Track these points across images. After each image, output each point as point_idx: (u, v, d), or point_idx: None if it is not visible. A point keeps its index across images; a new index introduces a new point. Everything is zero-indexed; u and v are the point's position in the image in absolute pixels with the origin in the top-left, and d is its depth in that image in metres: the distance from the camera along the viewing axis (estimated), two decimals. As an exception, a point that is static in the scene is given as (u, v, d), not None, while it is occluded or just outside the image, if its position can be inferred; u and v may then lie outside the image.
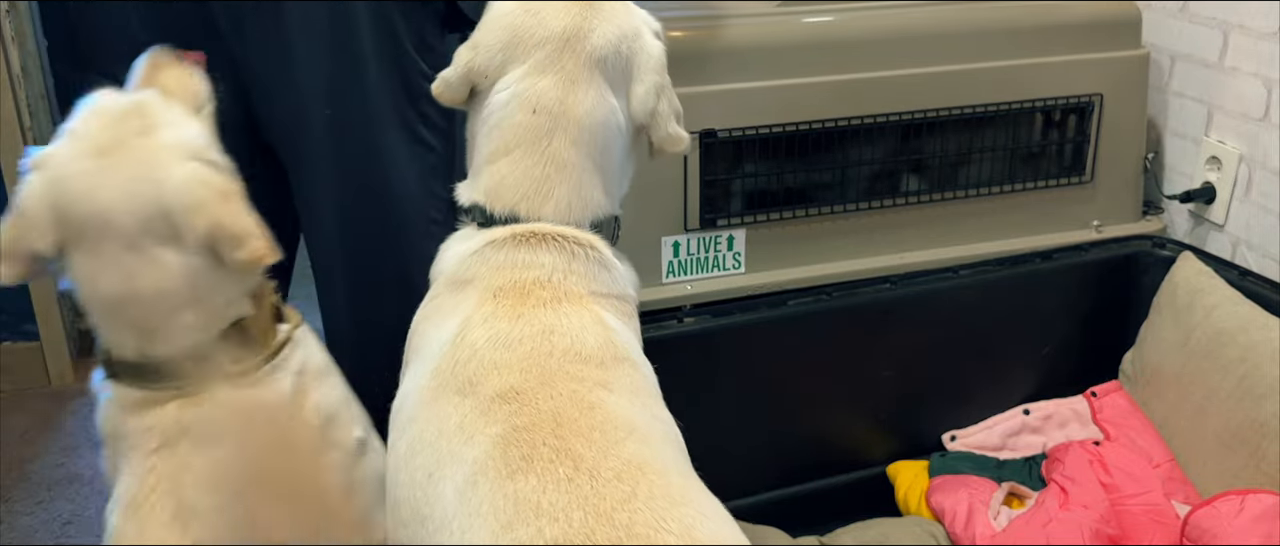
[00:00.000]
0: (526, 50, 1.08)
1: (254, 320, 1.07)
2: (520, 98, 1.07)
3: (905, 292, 1.74)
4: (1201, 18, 2.00)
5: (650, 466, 0.89)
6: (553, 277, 1.04)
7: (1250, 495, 1.47)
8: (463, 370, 0.97)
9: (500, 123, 1.07)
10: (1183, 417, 1.71)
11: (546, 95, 1.07)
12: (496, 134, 1.08)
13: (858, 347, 1.74)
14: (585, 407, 0.93)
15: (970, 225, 1.96)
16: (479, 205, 1.08)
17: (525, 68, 1.07)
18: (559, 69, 1.07)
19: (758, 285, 1.83)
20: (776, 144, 1.80)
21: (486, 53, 1.09)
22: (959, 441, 1.81)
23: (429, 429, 0.95)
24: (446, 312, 1.04)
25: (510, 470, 0.87)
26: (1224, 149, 1.98)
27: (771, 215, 1.83)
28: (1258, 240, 1.93)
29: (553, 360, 0.98)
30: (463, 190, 1.11)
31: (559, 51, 1.08)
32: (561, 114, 1.07)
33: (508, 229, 1.05)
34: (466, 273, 1.05)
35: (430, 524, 0.91)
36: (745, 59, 1.77)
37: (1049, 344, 1.87)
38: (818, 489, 1.76)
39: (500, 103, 1.07)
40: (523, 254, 1.04)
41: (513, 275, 1.03)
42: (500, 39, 1.09)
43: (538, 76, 1.07)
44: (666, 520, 0.84)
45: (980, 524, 1.57)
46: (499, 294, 1.02)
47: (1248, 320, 1.64)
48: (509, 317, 1.00)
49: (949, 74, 1.87)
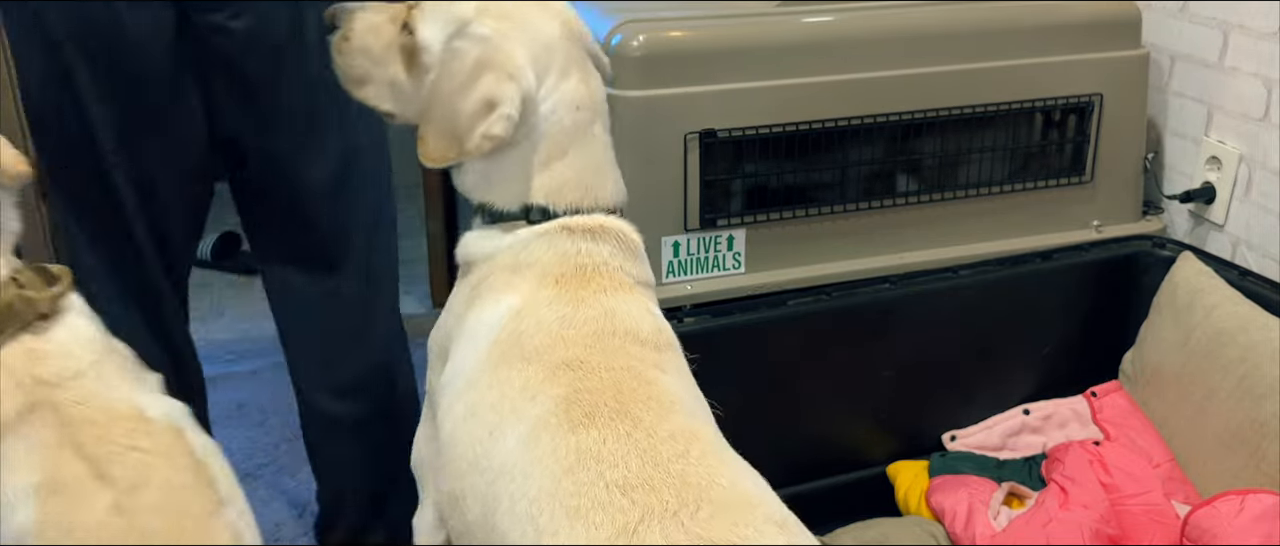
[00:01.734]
0: (550, 57, 1.12)
1: None
2: (564, 102, 1.12)
3: (905, 292, 1.74)
4: (1201, 18, 2.00)
5: (700, 435, 0.99)
6: (609, 266, 1.12)
7: (1250, 495, 1.47)
8: (528, 341, 1.05)
9: (549, 131, 1.12)
10: (1183, 417, 1.71)
11: (579, 92, 1.14)
12: (547, 142, 1.12)
13: (858, 347, 1.74)
14: (643, 382, 1.02)
15: (970, 225, 1.96)
16: (538, 206, 1.13)
17: (554, 74, 1.12)
18: (575, 64, 1.14)
19: (758, 285, 1.83)
20: (776, 144, 1.80)
21: (524, 75, 1.10)
22: (959, 441, 1.81)
23: (491, 393, 1.03)
24: (499, 293, 1.10)
25: (572, 424, 0.96)
26: (1224, 149, 1.98)
27: (771, 215, 1.83)
28: (1258, 240, 1.93)
29: (614, 340, 1.06)
30: (506, 194, 1.14)
31: (568, 49, 1.14)
32: (593, 105, 1.16)
33: (571, 220, 1.13)
34: (527, 258, 1.11)
35: (489, 472, 0.99)
36: (745, 59, 1.77)
37: (1049, 344, 1.87)
38: (818, 489, 1.76)
39: (547, 113, 1.12)
40: (585, 244, 1.12)
41: (576, 261, 1.11)
42: (526, 56, 1.10)
43: (565, 78, 1.13)
44: (716, 475, 0.94)
45: (980, 524, 1.57)
46: (561, 279, 1.09)
47: (1248, 320, 1.64)
48: (572, 301, 1.08)
49: (949, 74, 1.87)
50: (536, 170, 1.13)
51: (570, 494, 0.92)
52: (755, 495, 0.96)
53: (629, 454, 0.94)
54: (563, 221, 1.12)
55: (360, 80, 1.20)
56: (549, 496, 0.93)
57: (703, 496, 0.91)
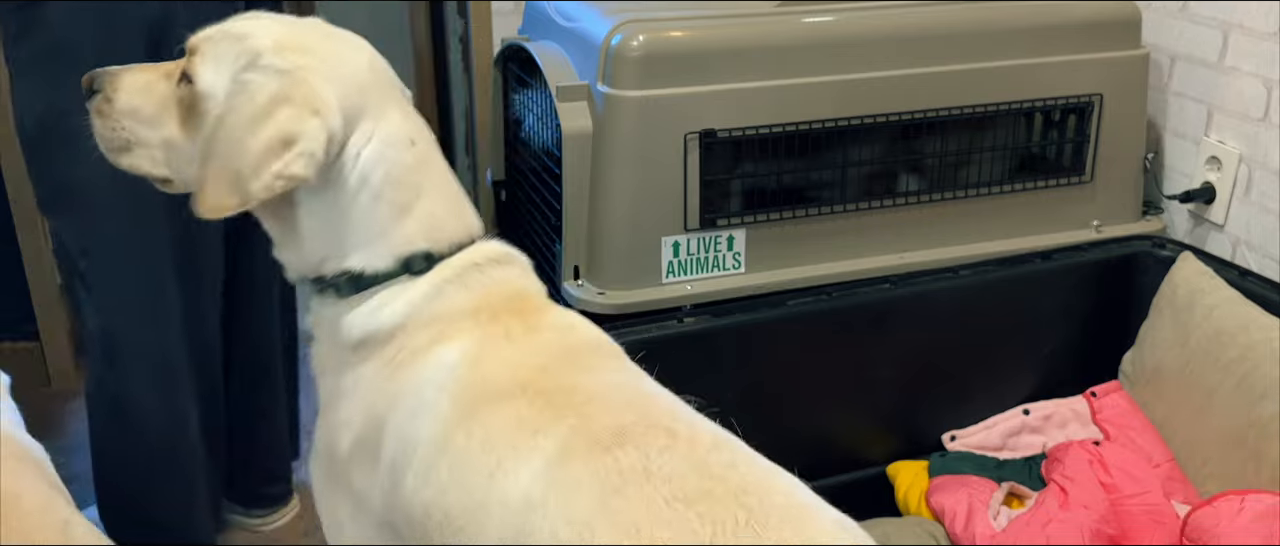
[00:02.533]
0: (363, 95, 1.00)
1: None
2: (394, 140, 1.01)
3: (905, 292, 1.74)
4: (1201, 18, 2.00)
5: (732, 440, 0.96)
6: (529, 289, 1.07)
7: (1250, 495, 1.47)
8: (497, 382, 0.97)
9: (392, 173, 1.00)
10: (1183, 417, 1.71)
11: (406, 127, 1.03)
12: (394, 186, 1.00)
13: (858, 347, 1.74)
14: (645, 394, 0.99)
15: (970, 225, 1.96)
16: (419, 254, 1.02)
17: (371, 113, 1.00)
18: (392, 100, 1.03)
19: (758, 285, 1.83)
20: (776, 144, 1.80)
21: (331, 112, 0.96)
22: (959, 441, 1.81)
23: (474, 441, 0.95)
24: (430, 352, 1.00)
25: (603, 446, 0.90)
26: (1224, 149, 1.98)
27: (771, 215, 1.83)
28: (1258, 240, 1.93)
29: (586, 358, 1.02)
30: (371, 255, 1.01)
31: (380, 84, 1.04)
32: (427, 136, 1.05)
33: (470, 254, 1.04)
34: (446, 307, 1.01)
35: (508, 509, 0.92)
36: (745, 59, 1.77)
37: (1049, 344, 1.87)
38: (818, 489, 1.75)
39: (376, 156, 0.99)
40: (498, 273, 1.05)
41: (501, 293, 1.03)
42: (334, 93, 0.97)
43: (384, 115, 1.01)
44: (771, 482, 0.91)
45: (980, 524, 1.57)
46: (495, 314, 1.02)
47: (1248, 320, 1.64)
48: (522, 331, 1.01)
49: (949, 74, 1.87)
50: (396, 218, 1.01)
51: (622, 512, 0.86)
52: (811, 500, 0.93)
53: (678, 467, 0.89)
54: (465, 258, 1.03)
55: (123, 147, 1.05)
56: (599, 518, 0.87)
57: (768, 504, 0.87)
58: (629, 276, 1.79)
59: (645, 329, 1.58)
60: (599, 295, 1.79)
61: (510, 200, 2.30)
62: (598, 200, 1.79)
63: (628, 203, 1.77)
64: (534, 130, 2.05)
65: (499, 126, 2.27)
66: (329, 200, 0.99)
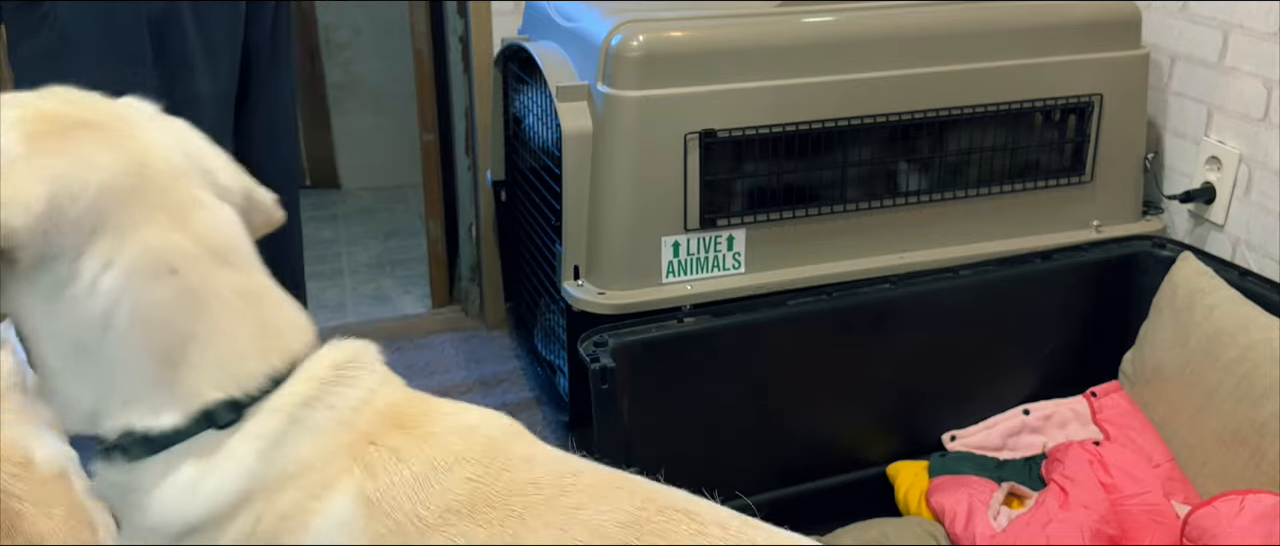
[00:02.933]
0: (104, 202, 0.76)
1: None
2: (143, 270, 0.76)
3: (905, 292, 1.74)
4: (1201, 18, 2.00)
5: (664, 491, 0.85)
6: (394, 396, 0.86)
7: (1250, 495, 1.47)
8: (415, 516, 0.78)
9: (139, 315, 0.76)
10: (1183, 417, 1.71)
11: (166, 250, 0.77)
12: (145, 330, 0.76)
13: (858, 347, 1.74)
14: (619, 474, 0.85)
15: (970, 225, 1.96)
16: (220, 404, 0.78)
17: (116, 228, 0.76)
18: (160, 209, 0.78)
19: (758, 285, 1.83)
20: (776, 144, 1.80)
21: (29, 208, 0.73)
22: (959, 441, 1.81)
23: None
24: (307, 512, 0.79)
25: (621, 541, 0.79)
26: (1224, 149, 1.98)
27: (771, 215, 1.83)
28: (1258, 240, 1.93)
29: (515, 445, 0.85)
30: (152, 410, 0.78)
31: (143, 190, 0.78)
32: (195, 257, 0.79)
33: (303, 388, 0.81)
34: (298, 457, 0.79)
35: None
36: (745, 59, 1.77)
37: (1049, 344, 1.87)
38: (818, 489, 1.76)
39: (116, 290, 0.75)
40: (349, 392, 0.82)
41: (367, 413, 0.82)
42: (44, 192, 0.73)
43: (136, 232, 0.76)
44: (730, 518, 0.83)
45: (980, 524, 1.57)
46: (371, 438, 0.81)
47: (1248, 320, 1.64)
48: (416, 443, 0.82)
49: (949, 74, 1.87)
50: (166, 367, 0.77)
51: None
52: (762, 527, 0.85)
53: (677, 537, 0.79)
54: (295, 393, 0.80)
55: None
56: None
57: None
58: (629, 276, 1.79)
59: (645, 329, 1.58)
60: (599, 295, 1.79)
61: (510, 200, 2.31)
62: (598, 200, 1.79)
63: (628, 203, 1.77)
64: (534, 130, 2.05)
65: (499, 126, 2.27)
66: (67, 336, 0.77)
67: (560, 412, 2.11)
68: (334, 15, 3.48)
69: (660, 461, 1.63)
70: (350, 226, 3.37)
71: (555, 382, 2.13)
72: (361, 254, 3.16)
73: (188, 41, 1.43)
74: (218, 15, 1.48)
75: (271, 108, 1.63)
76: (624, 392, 1.53)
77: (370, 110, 3.59)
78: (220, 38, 1.48)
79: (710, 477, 1.78)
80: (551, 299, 2.06)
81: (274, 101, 1.63)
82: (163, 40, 1.45)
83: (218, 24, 1.47)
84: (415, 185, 2.76)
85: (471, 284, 2.65)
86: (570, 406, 2.01)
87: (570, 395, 2.00)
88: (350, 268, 3.07)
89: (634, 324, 1.59)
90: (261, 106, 1.61)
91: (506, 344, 2.55)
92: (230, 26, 1.50)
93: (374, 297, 2.86)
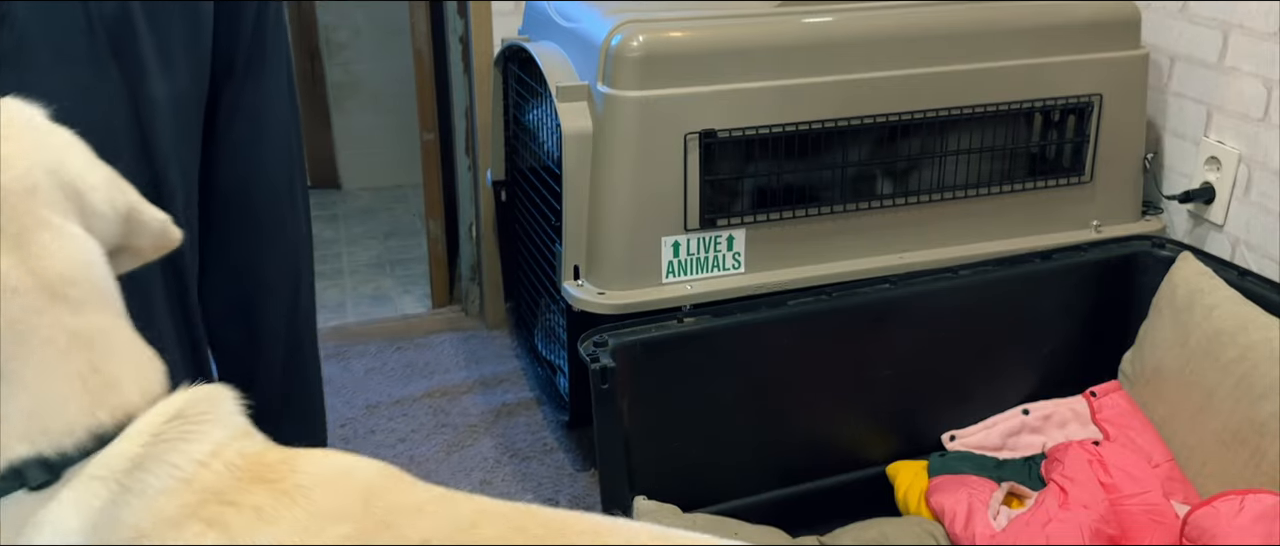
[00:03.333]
0: None
1: None
2: None
3: (905, 292, 1.74)
4: (1201, 18, 2.00)
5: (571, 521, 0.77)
6: (248, 447, 0.74)
7: (1250, 495, 1.47)
8: None
9: None
10: (1182, 417, 1.71)
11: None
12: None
13: (858, 347, 1.74)
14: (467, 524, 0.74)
15: (970, 225, 1.96)
16: (29, 461, 0.67)
17: None
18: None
19: (758, 285, 1.83)
20: (777, 144, 1.80)
21: None
22: (959, 441, 1.81)
23: None
24: None
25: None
26: (1223, 149, 1.98)
27: (771, 215, 1.83)
28: (1257, 240, 1.93)
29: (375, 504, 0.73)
30: None
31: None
32: (41, 285, 0.70)
33: (122, 449, 0.69)
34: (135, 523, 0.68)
35: None
36: (745, 59, 1.77)
37: (1049, 344, 1.87)
38: (818, 489, 1.76)
39: None
40: (188, 451, 0.71)
41: (214, 467, 0.71)
42: None
43: None
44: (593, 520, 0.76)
45: (980, 524, 1.57)
46: (230, 498, 0.70)
47: (1247, 320, 1.64)
48: (283, 497, 0.71)
49: (949, 74, 1.87)
50: None
51: None
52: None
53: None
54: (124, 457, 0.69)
55: None
56: None
57: None
58: (629, 276, 1.80)
59: (645, 329, 1.58)
60: (599, 295, 1.79)
61: (510, 200, 2.31)
62: (598, 200, 1.79)
63: (628, 203, 1.77)
64: (534, 130, 2.05)
65: (499, 126, 2.28)
66: None
67: (560, 412, 2.11)
68: (334, 15, 3.48)
69: (660, 461, 1.63)
70: (350, 226, 3.38)
71: (555, 382, 2.13)
72: (362, 254, 3.16)
73: (140, 43, 1.41)
74: (175, 17, 1.45)
75: (255, 112, 1.59)
76: (624, 392, 1.53)
77: (370, 110, 3.60)
78: (177, 40, 1.45)
79: (710, 477, 1.79)
80: (551, 299, 2.06)
81: (259, 106, 1.59)
82: (118, 42, 1.43)
83: (175, 26, 1.44)
84: (415, 185, 2.77)
85: (472, 284, 2.65)
86: (570, 406, 2.01)
87: (570, 395, 2.00)
88: (350, 267, 3.07)
89: (634, 324, 1.59)
90: (242, 111, 1.58)
91: (506, 344, 2.55)
92: (191, 29, 1.46)
93: (374, 297, 2.86)
